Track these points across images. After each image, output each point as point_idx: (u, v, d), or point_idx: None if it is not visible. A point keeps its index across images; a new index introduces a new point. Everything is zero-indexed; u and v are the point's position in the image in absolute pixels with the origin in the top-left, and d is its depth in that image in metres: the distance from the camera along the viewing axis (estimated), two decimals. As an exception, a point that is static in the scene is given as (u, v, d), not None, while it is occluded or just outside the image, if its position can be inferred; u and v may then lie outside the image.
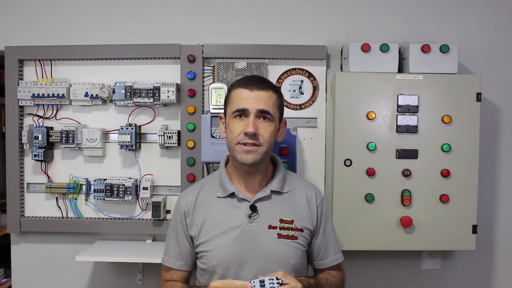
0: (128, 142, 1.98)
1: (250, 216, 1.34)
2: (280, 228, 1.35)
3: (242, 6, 2.08)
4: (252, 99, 1.31)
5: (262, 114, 1.32)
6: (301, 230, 1.36)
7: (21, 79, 2.06)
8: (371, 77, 1.87)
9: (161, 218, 2.01)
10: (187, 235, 1.40)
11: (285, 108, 2.01)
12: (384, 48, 1.88)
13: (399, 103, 1.85)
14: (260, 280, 1.19)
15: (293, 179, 1.48)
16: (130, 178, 2.04)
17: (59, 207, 2.08)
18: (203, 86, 2.03)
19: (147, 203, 2.05)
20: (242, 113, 1.32)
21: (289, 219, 1.36)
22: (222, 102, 1.89)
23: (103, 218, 2.08)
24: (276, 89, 1.39)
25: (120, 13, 2.09)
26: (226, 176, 1.41)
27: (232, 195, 1.39)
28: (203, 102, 2.03)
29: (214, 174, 1.51)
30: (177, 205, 1.45)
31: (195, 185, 1.51)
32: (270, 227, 1.35)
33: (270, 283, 1.18)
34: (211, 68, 2.03)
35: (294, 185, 1.44)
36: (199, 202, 1.41)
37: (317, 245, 1.42)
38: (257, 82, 1.35)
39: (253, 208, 1.34)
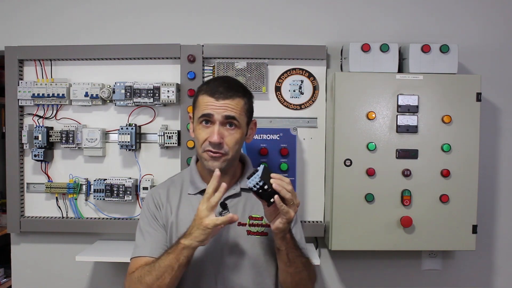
0: (128, 142, 1.98)
1: (220, 214, 1.34)
2: (250, 225, 1.37)
3: (242, 6, 2.08)
4: (217, 107, 1.31)
5: (228, 120, 1.32)
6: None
7: (21, 79, 2.06)
8: (371, 77, 1.87)
9: (161, 218, 2.01)
10: (161, 223, 1.40)
11: (285, 108, 2.04)
12: (384, 48, 1.88)
13: (399, 103, 1.85)
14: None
15: None
16: (130, 178, 2.04)
17: (59, 207, 2.08)
18: (203, 86, 2.02)
19: (147, 203, 2.05)
20: (208, 119, 1.32)
21: (258, 216, 1.38)
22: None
23: (103, 218, 2.08)
24: (244, 93, 1.38)
25: (120, 13, 2.09)
26: (197, 174, 1.43)
27: (202, 192, 1.39)
28: (203, 102, 2.03)
29: (183, 172, 1.52)
30: (148, 199, 1.44)
31: (164, 182, 1.51)
32: (239, 224, 1.37)
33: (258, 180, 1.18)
34: (211, 68, 2.03)
35: None
36: (170, 198, 1.41)
37: None
38: (224, 90, 1.33)
39: (224, 206, 1.34)
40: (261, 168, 1.19)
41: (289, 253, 1.27)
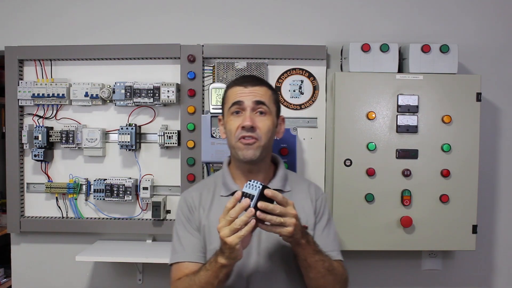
0: (128, 142, 1.98)
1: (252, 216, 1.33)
2: None
3: (242, 6, 2.08)
4: (247, 93, 1.33)
5: (258, 107, 1.32)
6: (305, 228, 1.34)
7: (21, 79, 2.06)
8: (371, 77, 1.87)
9: (161, 218, 2.01)
10: (195, 226, 1.38)
11: (285, 108, 2.03)
12: (384, 48, 1.88)
13: (399, 103, 1.85)
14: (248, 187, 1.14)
15: (295, 178, 1.48)
16: (130, 178, 2.04)
17: (59, 207, 2.09)
18: (203, 86, 2.03)
19: (147, 203, 2.05)
20: (239, 108, 1.33)
21: None
22: (222, 102, 1.90)
23: (103, 218, 2.08)
24: (271, 87, 1.41)
25: (120, 13, 2.09)
26: (229, 175, 1.41)
27: (235, 193, 1.39)
28: (203, 102, 2.03)
29: (215, 174, 1.51)
30: (181, 202, 1.43)
31: (197, 185, 1.51)
32: None
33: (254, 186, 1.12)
34: (211, 68, 2.03)
35: (296, 184, 1.44)
36: (203, 200, 1.40)
37: (315, 239, 1.40)
38: (251, 79, 1.38)
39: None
40: (257, 191, 1.11)
41: (308, 258, 1.23)
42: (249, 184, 1.13)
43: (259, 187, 1.11)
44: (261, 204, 1.10)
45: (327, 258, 1.28)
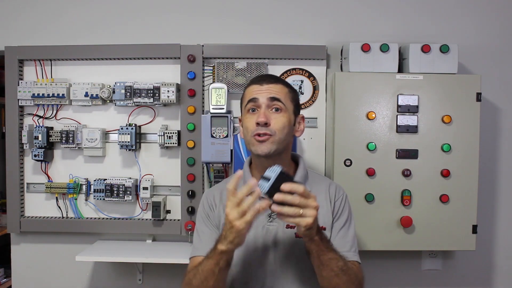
0: (128, 142, 1.98)
1: (269, 216, 1.34)
2: None
3: (242, 6, 2.08)
4: (262, 91, 1.35)
5: (273, 103, 1.33)
6: (323, 229, 1.32)
7: (21, 79, 2.06)
8: (371, 77, 1.87)
9: (161, 218, 2.01)
10: (215, 223, 1.40)
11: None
12: (384, 48, 1.88)
13: (399, 103, 1.85)
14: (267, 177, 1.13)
15: (316, 178, 1.47)
16: (130, 178, 2.04)
17: (59, 207, 2.09)
18: (203, 86, 2.03)
19: (147, 203, 2.05)
20: (254, 105, 1.35)
21: None
22: (222, 102, 1.91)
23: (103, 218, 2.08)
24: (288, 85, 1.42)
25: (120, 13, 2.09)
26: (249, 174, 1.42)
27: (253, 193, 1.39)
28: (203, 102, 2.03)
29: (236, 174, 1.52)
30: (203, 199, 1.46)
31: (219, 184, 1.53)
32: (288, 226, 1.34)
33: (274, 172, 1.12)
34: (211, 68, 2.03)
35: (315, 184, 1.43)
36: (224, 199, 1.41)
37: (332, 239, 1.39)
38: (268, 77, 1.39)
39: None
40: (274, 174, 1.11)
41: (321, 255, 1.22)
42: (270, 169, 1.12)
43: (277, 171, 1.11)
44: (277, 196, 1.09)
45: (341, 257, 1.26)
